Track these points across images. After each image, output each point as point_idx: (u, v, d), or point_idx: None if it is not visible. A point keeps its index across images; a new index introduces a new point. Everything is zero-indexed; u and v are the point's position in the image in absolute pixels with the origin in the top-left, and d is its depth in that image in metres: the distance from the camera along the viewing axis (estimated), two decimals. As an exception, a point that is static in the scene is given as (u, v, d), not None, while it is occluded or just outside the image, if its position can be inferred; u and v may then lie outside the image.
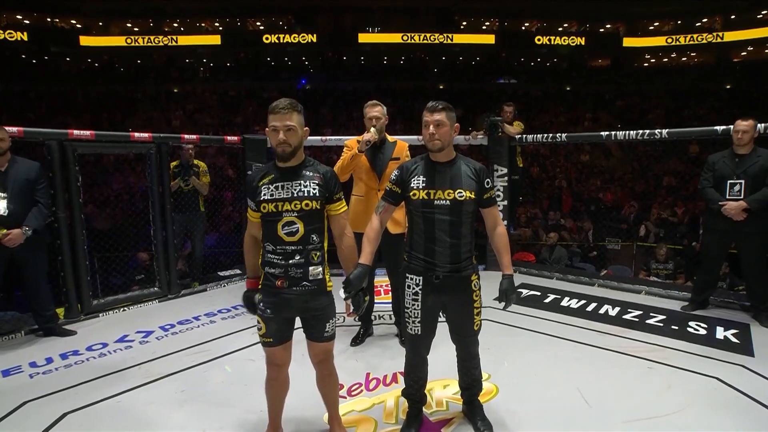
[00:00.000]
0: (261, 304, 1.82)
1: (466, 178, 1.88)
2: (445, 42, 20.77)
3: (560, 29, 21.88)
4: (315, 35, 20.42)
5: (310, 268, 1.77)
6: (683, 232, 6.66)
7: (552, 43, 21.34)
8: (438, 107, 1.86)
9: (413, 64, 22.02)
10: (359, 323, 3.22)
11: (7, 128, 3.07)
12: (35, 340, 3.18)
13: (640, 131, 4.12)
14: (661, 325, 3.31)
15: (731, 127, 3.37)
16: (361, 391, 2.44)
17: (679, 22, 20.92)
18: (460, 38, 20.98)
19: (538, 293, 4.14)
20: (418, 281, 1.92)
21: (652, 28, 21.47)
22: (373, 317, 3.31)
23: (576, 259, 6.01)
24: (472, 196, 1.87)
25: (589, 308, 3.72)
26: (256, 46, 20.84)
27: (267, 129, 1.78)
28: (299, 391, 2.15)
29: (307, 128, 1.82)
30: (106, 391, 2.44)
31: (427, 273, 1.89)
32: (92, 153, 3.79)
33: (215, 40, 20.63)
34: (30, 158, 3.23)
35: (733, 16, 19.93)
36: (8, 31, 18.14)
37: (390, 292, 3.09)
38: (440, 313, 2.00)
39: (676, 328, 3.25)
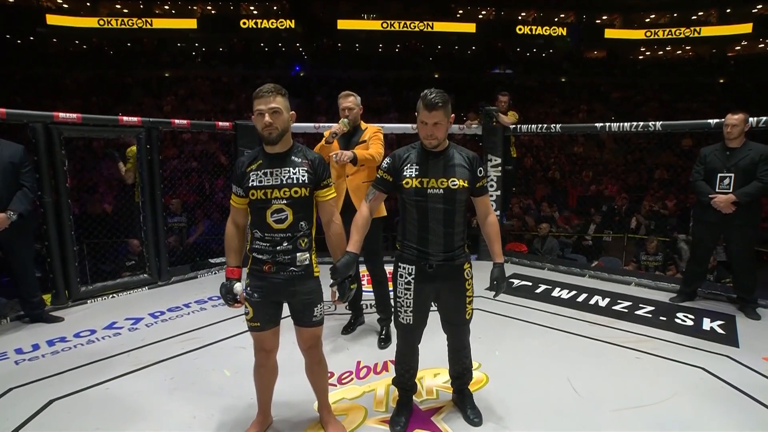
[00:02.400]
0: (248, 288, 1.81)
1: (459, 167, 1.87)
2: (425, 30, 20.51)
3: (542, 18, 21.68)
4: (293, 21, 20.04)
5: (298, 254, 1.76)
6: (673, 224, 6.72)
7: (533, 33, 21.18)
8: (437, 104, 1.78)
9: (409, 53, 21.80)
10: (350, 312, 3.21)
11: (-10, 110, 2.99)
12: (21, 327, 3.13)
13: (634, 123, 4.11)
14: (650, 316, 3.34)
15: (725, 120, 3.37)
16: (352, 379, 2.44)
17: (652, 15, 20.91)
18: (441, 26, 20.72)
19: (530, 283, 4.16)
20: (410, 270, 1.90)
21: (648, 20, 21.43)
22: (363, 305, 3.31)
23: (567, 250, 6.04)
24: (465, 185, 1.86)
25: (580, 299, 3.74)
26: (234, 31, 20.38)
27: (252, 116, 1.76)
28: (289, 378, 2.14)
29: (293, 112, 1.79)
30: (93, 378, 2.41)
31: (420, 262, 1.88)
32: (79, 137, 3.66)
33: (191, 24, 20.11)
34: (14, 142, 3.15)
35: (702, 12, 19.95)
36: None
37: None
38: (432, 303, 1.99)
39: (665, 319, 3.28)
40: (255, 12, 20.99)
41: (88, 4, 19.55)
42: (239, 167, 1.79)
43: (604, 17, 21.81)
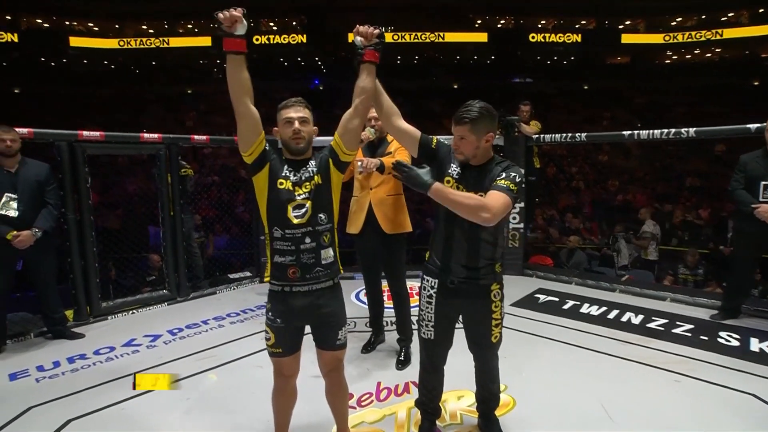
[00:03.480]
0: (270, 314, 1.76)
1: (490, 182, 1.75)
2: (437, 41, 20.52)
3: (555, 26, 21.42)
4: (305, 36, 20.36)
5: (322, 251, 1.72)
6: (709, 234, 6.43)
7: (547, 40, 20.93)
8: (462, 119, 1.71)
9: (427, 63, 21.88)
10: (370, 330, 3.15)
11: (17, 129, 3.09)
12: (44, 343, 3.19)
13: (665, 130, 3.95)
14: (689, 335, 3.17)
15: (766, 125, 3.21)
16: (372, 401, 2.37)
17: (678, 18, 20.41)
18: (452, 36, 20.68)
19: (556, 299, 4.02)
20: (433, 284, 1.85)
21: (674, 23, 20.95)
22: (384, 323, 3.23)
23: (595, 263, 5.84)
24: None
25: (611, 316, 3.59)
26: (248, 47, 20.82)
27: (276, 128, 1.76)
28: (308, 399, 2.08)
29: (316, 127, 1.79)
30: (110, 397, 2.41)
31: (443, 276, 1.82)
32: (102, 154, 3.76)
33: (206, 41, 20.63)
34: (42, 160, 3.24)
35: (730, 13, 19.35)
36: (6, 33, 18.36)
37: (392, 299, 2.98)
38: (458, 320, 1.92)
39: (706, 338, 3.10)
40: (274, 27, 21.50)
41: (117, 26, 20.39)
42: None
43: (627, 22, 21.44)
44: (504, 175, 1.73)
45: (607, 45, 20.86)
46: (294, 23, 21.24)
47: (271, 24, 21.59)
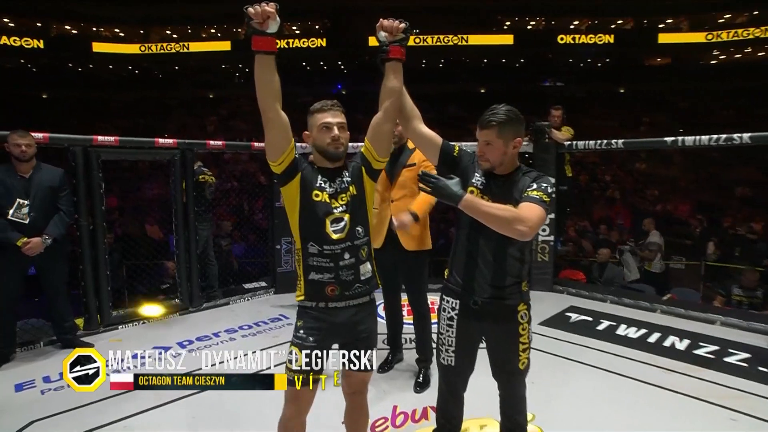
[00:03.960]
0: (300, 332, 1.66)
1: (519, 193, 1.67)
2: (459, 44, 20.38)
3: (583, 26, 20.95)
4: (325, 39, 20.57)
5: (361, 266, 1.67)
6: (763, 250, 6.05)
7: (577, 41, 20.48)
8: (488, 122, 1.64)
9: (452, 66, 21.79)
10: (387, 347, 3.06)
11: (34, 134, 3.15)
12: (53, 353, 3.21)
13: (715, 136, 3.67)
14: (745, 365, 2.92)
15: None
16: (387, 427, 2.28)
17: (727, 15, 19.57)
18: (476, 39, 20.51)
19: (590, 318, 3.82)
20: (454, 305, 1.76)
21: (722, 20, 20.19)
22: (403, 341, 3.14)
23: (632, 279, 5.57)
24: None
25: (651, 339, 3.38)
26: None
27: (308, 132, 1.69)
28: (319, 422, 1.99)
29: (348, 133, 1.73)
30: (114, 413, 2.39)
31: (465, 297, 1.73)
32: (116, 159, 3.82)
33: (226, 46, 21.09)
34: (60, 165, 3.31)
35: None
36: (25, 39, 19.22)
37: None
38: (481, 342, 1.81)
39: (765, 370, 2.85)
40: (297, 31, 21.87)
41: (142, 31, 21.17)
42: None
43: (669, 20, 20.79)
44: (535, 185, 1.64)
45: (642, 45, 20.28)
46: (317, 26, 21.55)
47: (294, 28, 21.97)
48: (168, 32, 21.12)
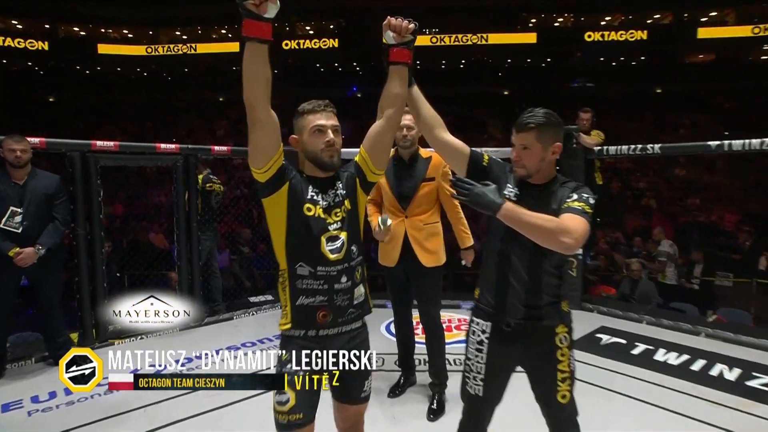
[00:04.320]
0: (289, 366, 1.53)
1: (557, 205, 1.61)
2: (479, 43, 20.29)
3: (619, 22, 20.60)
4: (337, 40, 20.74)
5: (355, 289, 1.59)
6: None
7: (606, 39, 20.14)
8: (528, 124, 1.59)
9: (473, 67, 21.73)
10: (399, 369, 2.99)
11: (30, 138, 3.19)
12: (44, 370, 3.21)
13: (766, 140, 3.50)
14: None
15: None
16: (396, 460, 2.17)
17: None
18: (497, 38, 20.39)
19: (623, 341, 3.67)
20: (485, 327, 1.69)
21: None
22: (416, 362, 3.06)
23: (671, 297, 5.35)
24: None
25: (695, 367, 3.20)
26: (277, 53, 21.50)
27: (296, 135, 1.58)
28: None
29: (341, 138, 1.66)
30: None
31: (497, 318, 1.66)
32: (116, 165, 3.84)
33: (234, 47, 21.38)
34: (61, 171, 3.35)
35: None
36: (30, 41, 19.83)
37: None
38: (513, 370, 1.74)
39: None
40: (311, 32, 22.14)
41: (150, 32, 21.72)
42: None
43: (713, 13, 20.28)
44: (575, 196, 1.58)
45: (680, 41, 19.83)
46: (331, 26, 21.78)
47: (308, 28, 22.24)
48: (177, 33, 21.62)
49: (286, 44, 21.24)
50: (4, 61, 20.03)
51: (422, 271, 2.67)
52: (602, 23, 20.99)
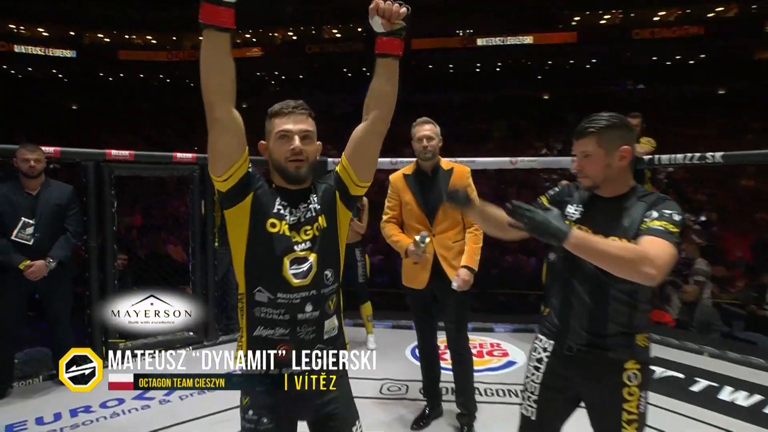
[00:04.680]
0: (249, 412, 1.43)
1: (631, 223, 1.52)
2: (518, 44, 20.10)
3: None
4: (363, 44, 20.97)
5: (326, 322, 1.44)
6: None
7: (654, 37, 19.54)
8: (587, 130, 1.55)
9: (510, 70, 21.59)
10: (424, 399, 2.94)
11: (44, 148, 3.30)
12: (51, 389, 3.27)
13: None
14: None
15: None
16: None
17: None
18: (538, 38, 20.18)
19: (681, 375, 3.47)
20: (546, 345, 1.67)
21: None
22: (443, 390, 3.01)
23: (739, 325, 5.05)
24: None
25: (768, 409, 2.99)
26: (298, 56, 21.96)
27: (264, 141, 1.47)
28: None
29: (319, 143, 1.50)
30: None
31: (559, 339, 1.63)
32: (130, 175, 3.95)
33: (258, 52, 21.93)
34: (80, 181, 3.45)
35: None
36: (53, 48, 20.87)
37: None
38: (576, 402, 1.68)
39: None
40: (338, 35, 22.55)
41: (174, 38, 22.61)
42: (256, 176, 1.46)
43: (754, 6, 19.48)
44: (656, 213, 1.46)
45: (745, 36, 19.04)
46: (359, 29, 22.11)
47: (335, 31, 22.68)
48: (201, 39, 22.43)
49: (310, 48, 21.69)
50: (29, 69, 21.24)
51: (450, 291, 2.63)
52: (655, 19, 20.48)
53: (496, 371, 3.62)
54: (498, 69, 22.02)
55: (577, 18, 21.06)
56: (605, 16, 21.19)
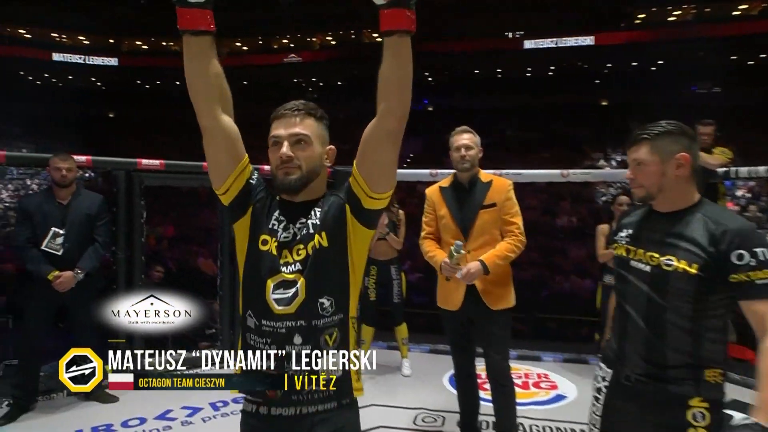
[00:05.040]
0: None
1: (690, 241, 1.48)
2: (574, 45, 19.61)
3: None
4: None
5: (321, 360, 1.29)
6: None
7: (732, 34, 18.57)
8: (640, 136, 1.56)
9: (566, 73, 21.23)
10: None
11: (76, 157, 3.48)
12: (73, 404, 3.40)
13: None
14: None
15: None
16: None
17: None
18: (596, 38, 19.65)
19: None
20: (605, 375, 1.66)
21: None
22: (482, 424, 2.97)
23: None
24: (691, 271, 1.45)
25: None
26: (336, 62, 22.36)
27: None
28: None
29: (331, 147, 1.42)
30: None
31: (618, 367, 1.62)
32: (160, 185, 4.11)
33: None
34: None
35: None
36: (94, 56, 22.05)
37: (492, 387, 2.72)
38: None
39: None
40: (378, 39, 22.88)
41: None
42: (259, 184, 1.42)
43: None
44: (748, 256, 1.40)
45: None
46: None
47: (375, 35, 22.94)
48: (237, 44, 23.29)
49: (349, 53, 22.09)
50: (70, 77, 22.62)
51: (488, 314, 2.60)
52: (735, 13, 19.63)
53: (544, 405, 3.49)
54: (551, 73, 21.72)
55: (641, 15, 20.51)
56: (675, 12, 20.52)
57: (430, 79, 22.59)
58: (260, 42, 23.63)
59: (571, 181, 4.90)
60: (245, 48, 23.71)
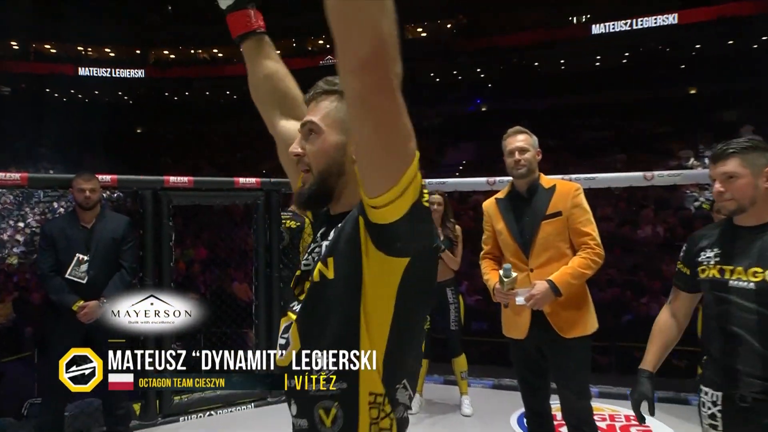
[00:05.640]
0: None
1: None
2: (653, 26, 18.89)
3: None
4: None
5: None
6: None
7: None
8: (726, 151, 1.75)
9: (644, 60, 20.60)
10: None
11: (100, 176, 3.61)
12: (99, 447, 3.50)
13: None
14: None
15: None
16: None
17: None
18: (681, 17, 18.83)
19: None
20: (715, 398, 1.77)
21: None
22: None
23: None
24: None
25: None
26: None
27: None
28: None
29: (326, 142, 1.20)
30: None
31: (728, 389, 1.73)
32: (190, 204, 4.21)
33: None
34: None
35: None
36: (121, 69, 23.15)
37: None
38: None
39: None
40: (423, 34, 23.00)
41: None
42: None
43: None
44: None
45: None
46: (448, 26, 22.42)
47: (419, 30, 23.12)
48: (277, 52, 24.12)
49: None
50: (96, 92, 23.91)
51: (560, 343, 2.50)
52: None
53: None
54: (625, 60, 21.14)
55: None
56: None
57: (483, 76, 22.46)
58: (294, 45, 24.25)
59: (656, 184, 4.70)
60: (278, 52, 24.39)
